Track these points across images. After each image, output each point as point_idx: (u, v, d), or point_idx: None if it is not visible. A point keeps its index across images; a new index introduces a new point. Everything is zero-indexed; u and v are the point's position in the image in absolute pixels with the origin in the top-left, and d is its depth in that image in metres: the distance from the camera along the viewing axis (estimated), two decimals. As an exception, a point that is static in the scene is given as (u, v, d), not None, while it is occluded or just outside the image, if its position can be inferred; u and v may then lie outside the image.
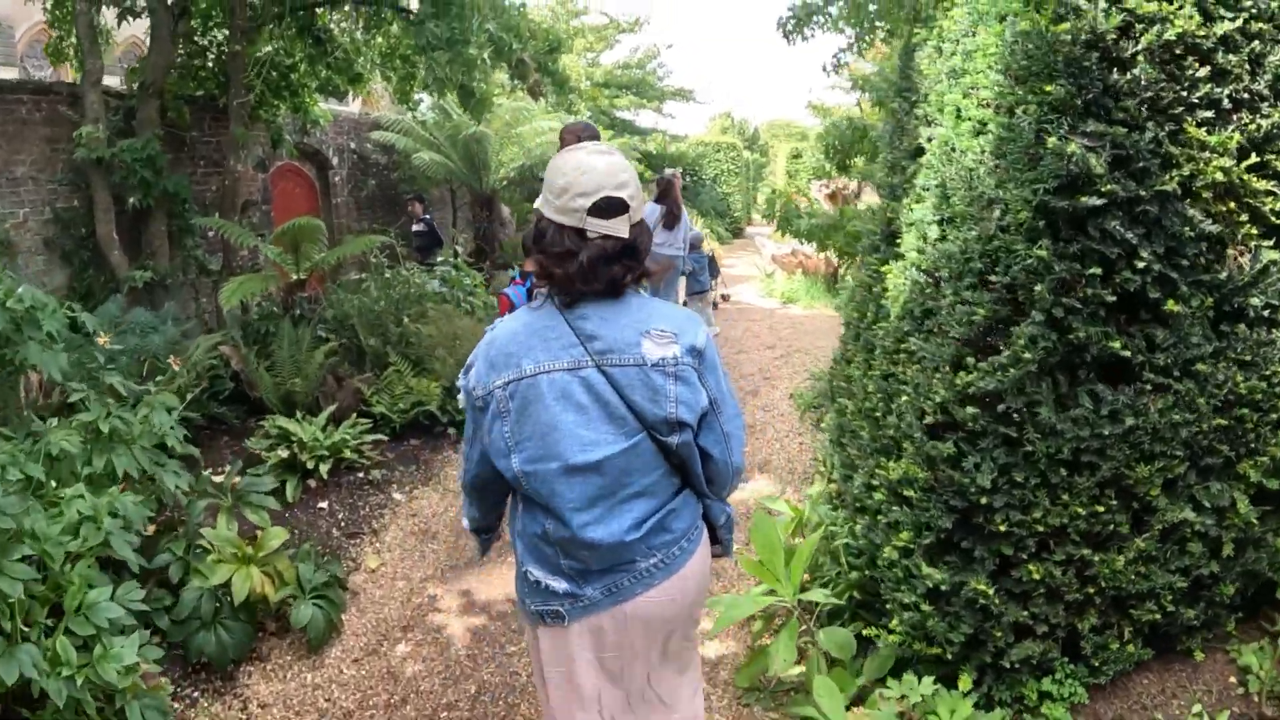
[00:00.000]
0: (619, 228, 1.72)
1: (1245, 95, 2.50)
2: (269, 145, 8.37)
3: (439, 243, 10.62)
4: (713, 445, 1.84)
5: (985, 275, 2.58)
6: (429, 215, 11.13)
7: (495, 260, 11.56)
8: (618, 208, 1.72)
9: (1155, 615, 2.58)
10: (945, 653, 2.60)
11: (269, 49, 7.45)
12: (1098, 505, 2.46)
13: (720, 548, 2.03)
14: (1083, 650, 2.62)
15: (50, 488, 2.77)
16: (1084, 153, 2.31)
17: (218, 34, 7.41)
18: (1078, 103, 2.42)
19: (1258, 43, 2.48)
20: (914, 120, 3.35)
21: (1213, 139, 2.43)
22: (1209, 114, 2.45)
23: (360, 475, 5.11)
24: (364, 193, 11.08)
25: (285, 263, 6.63)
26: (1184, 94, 2.42)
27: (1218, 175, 2.43)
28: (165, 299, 6.56)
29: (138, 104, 6.63)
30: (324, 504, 4.78)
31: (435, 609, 3.89)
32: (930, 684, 2.58)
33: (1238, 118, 2.51)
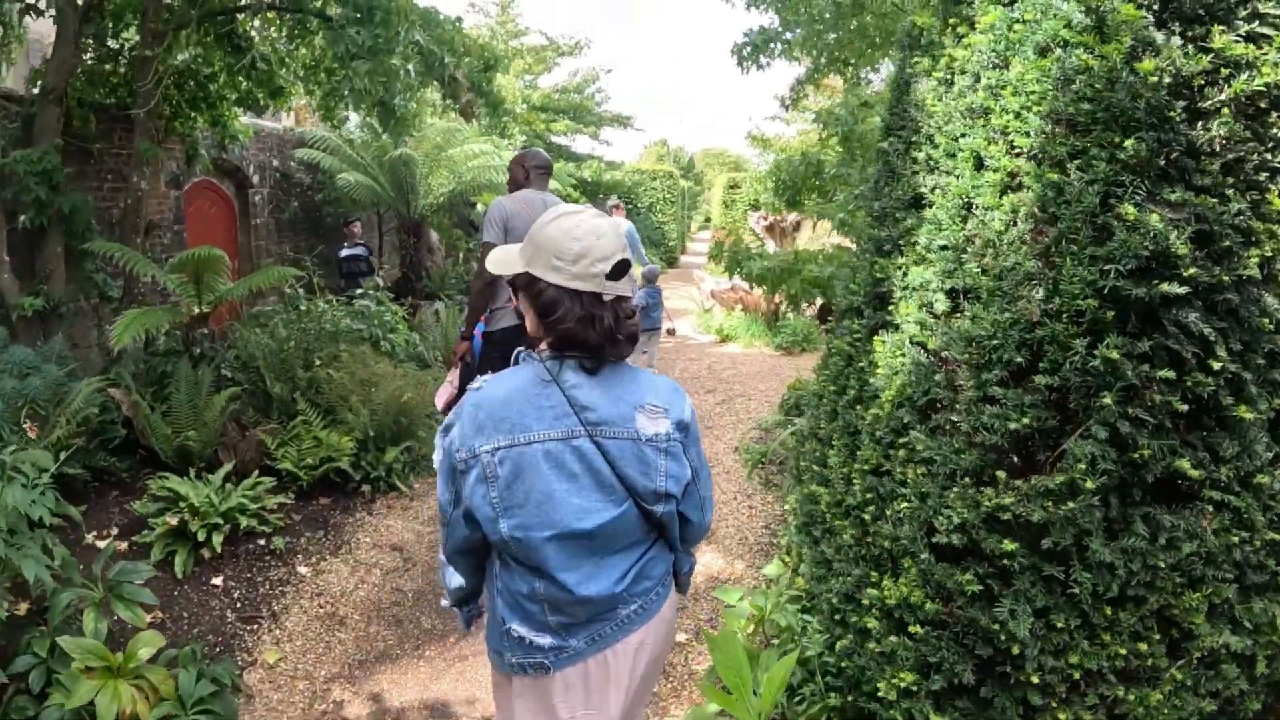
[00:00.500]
0: (626, 288, 1.76)
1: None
2: (184, 161, 7.66)
3: (371, 270, 9.98)
4: (691, 511, 1.90)
5: (1026, 371, 2.15)
6: (363, 241, 10.46)
7: (421, 290, 10.95)
8: (625, 269, 1.75)
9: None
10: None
11: (185, 56, 6.79)
12: (1140, 642, 2.11)
13: (678, 587, 2.05)
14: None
15: None
16: (1165, 227, 1.93)
17: (132, 36, 6.70)
18: (1159, 162, 2.00)
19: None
20: (911, 164, 2.90)
21: None
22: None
23: (261, 544, 4.52)
24: (286, 214, 10.35)
25: (186, 294, 5.97)
26: (1268, 156, 2.06)
27: None
28: (60, 328, 5.83)
29: (37, 110, 5.88)
30: (218, 580, 4.19)
31: (341, 718, 3.36)
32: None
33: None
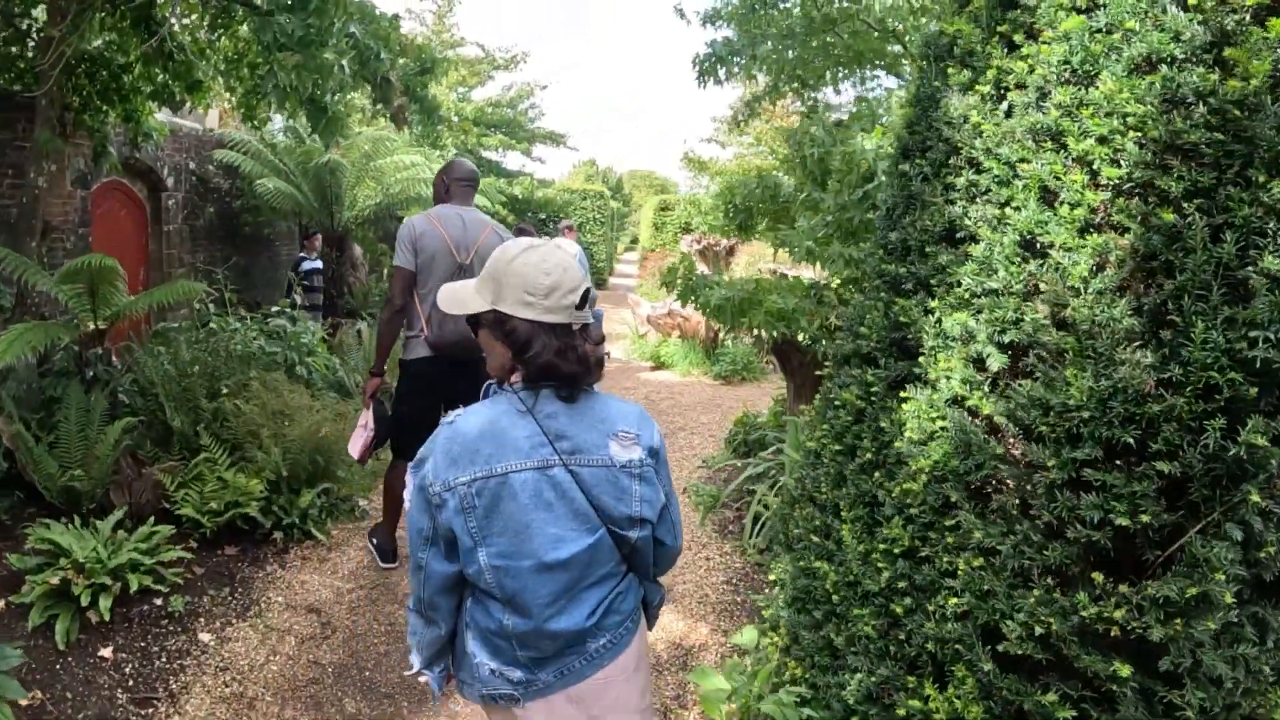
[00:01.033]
0: (588, 316, 1.77)
1: None
2: (92, 159, 6.91)
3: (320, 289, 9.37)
4: (665, 534, 1.91)
5: (1124, 450, 1.82)
6: (316, 257, 9.77)
7: (343, 307, 10.28)
8: (588, 296, 1.77)
9: None
10: None
11: (98, 42, 6.09)
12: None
13: (648, 620, 2.03)
14: None
15: None
16: None
17: (41, 16, 5.96)
18: None
19: None
20: (943, 191, 2.50)
21: None
22: None
23: (158, 604, 3.91)
24: (201, 221, 9.56)
25: (80, 307, 5.29)
26: None
27: None
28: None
29: (-74, 96, 5.14)
30: (107, 650, 3.58)
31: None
32: None
33: None
